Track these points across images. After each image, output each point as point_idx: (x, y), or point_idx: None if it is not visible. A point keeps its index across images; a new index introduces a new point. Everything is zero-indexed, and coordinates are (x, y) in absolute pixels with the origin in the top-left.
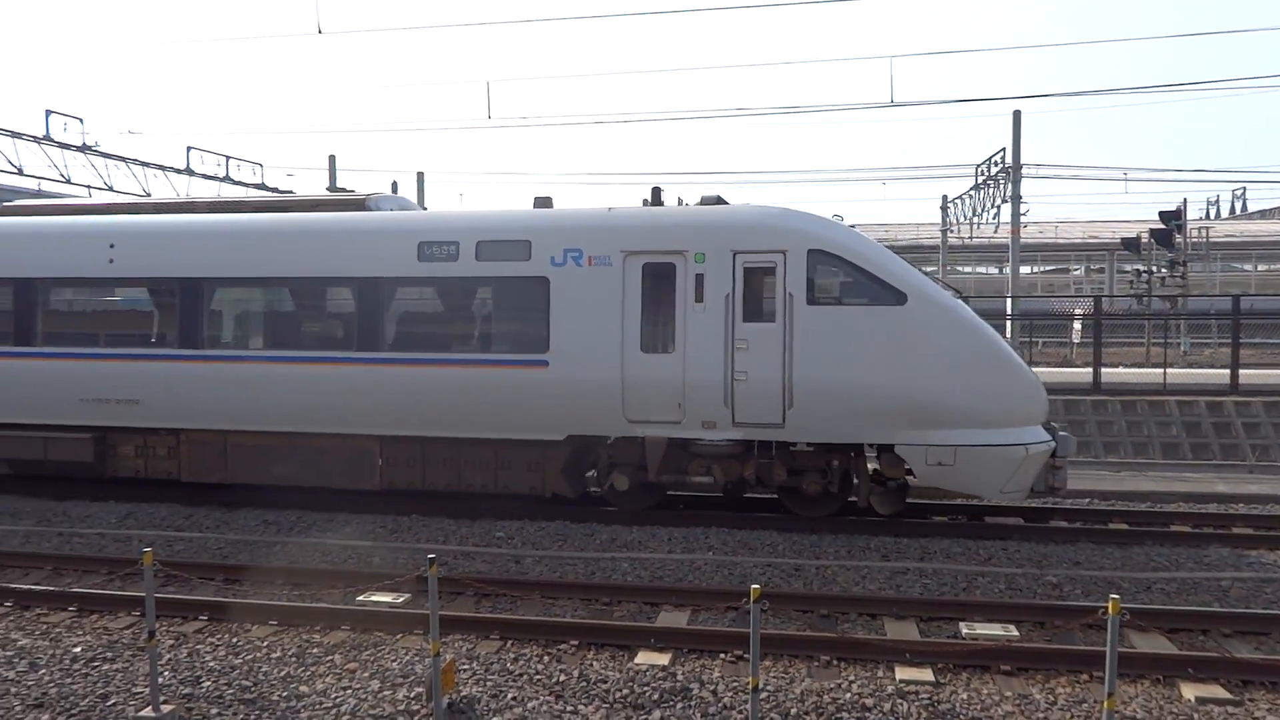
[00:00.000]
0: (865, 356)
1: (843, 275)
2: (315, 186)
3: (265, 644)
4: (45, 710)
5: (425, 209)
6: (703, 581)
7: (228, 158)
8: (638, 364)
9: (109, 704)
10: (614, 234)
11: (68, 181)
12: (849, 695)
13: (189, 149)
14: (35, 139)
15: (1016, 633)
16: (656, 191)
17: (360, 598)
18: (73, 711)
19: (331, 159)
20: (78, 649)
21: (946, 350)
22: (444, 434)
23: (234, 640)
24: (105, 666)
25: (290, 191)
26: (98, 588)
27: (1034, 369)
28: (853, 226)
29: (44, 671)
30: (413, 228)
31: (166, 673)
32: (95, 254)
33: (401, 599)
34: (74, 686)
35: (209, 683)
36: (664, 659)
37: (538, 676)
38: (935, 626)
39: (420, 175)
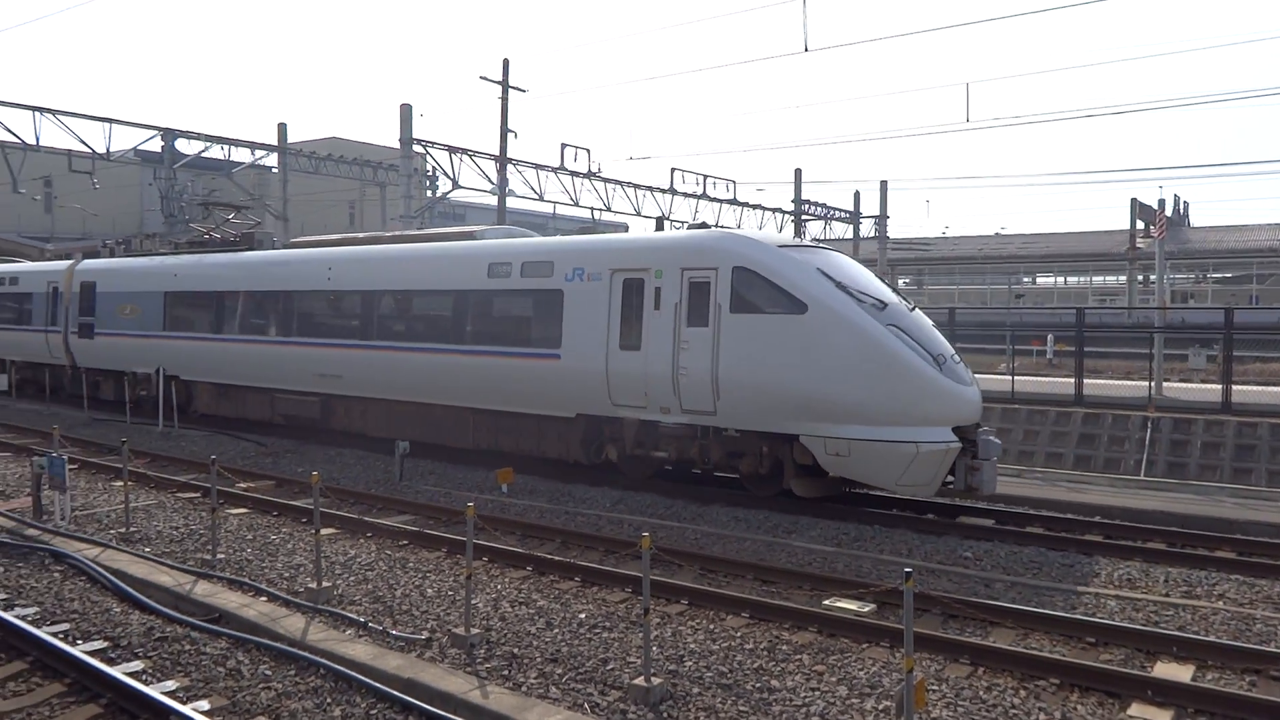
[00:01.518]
0: (773, 357)
1: (759, 288)
2: (783, 199)
3: (739, 634)
4: (559, 665)
5: (532, 237)
6: (1211, 634)
7: (704, 176)
8: (618, 359)
9: (608, 668)
10: (605, 255)
11: (576, 204)
12: None
13: (672, 170)
14: (552, 169)
15: None
16: (660, 222)
17: (826, 601)
18: (580, 669)
19: (797, 173)
20: (583, 615)
21: (839, 354)
22: (507, 409)
23: (711, 627)
24: (605, 634)
25: (759, 206)
26: (596, 563)
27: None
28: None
29: (557, 631)
30: (486, 253)
31: (655, 648)
32: (321, 274)
33: (867, 608)
34: (580, 648)
35: (690, 663)
36: (1164, 716)
37: (1013, 711)
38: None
39: (884, 184)
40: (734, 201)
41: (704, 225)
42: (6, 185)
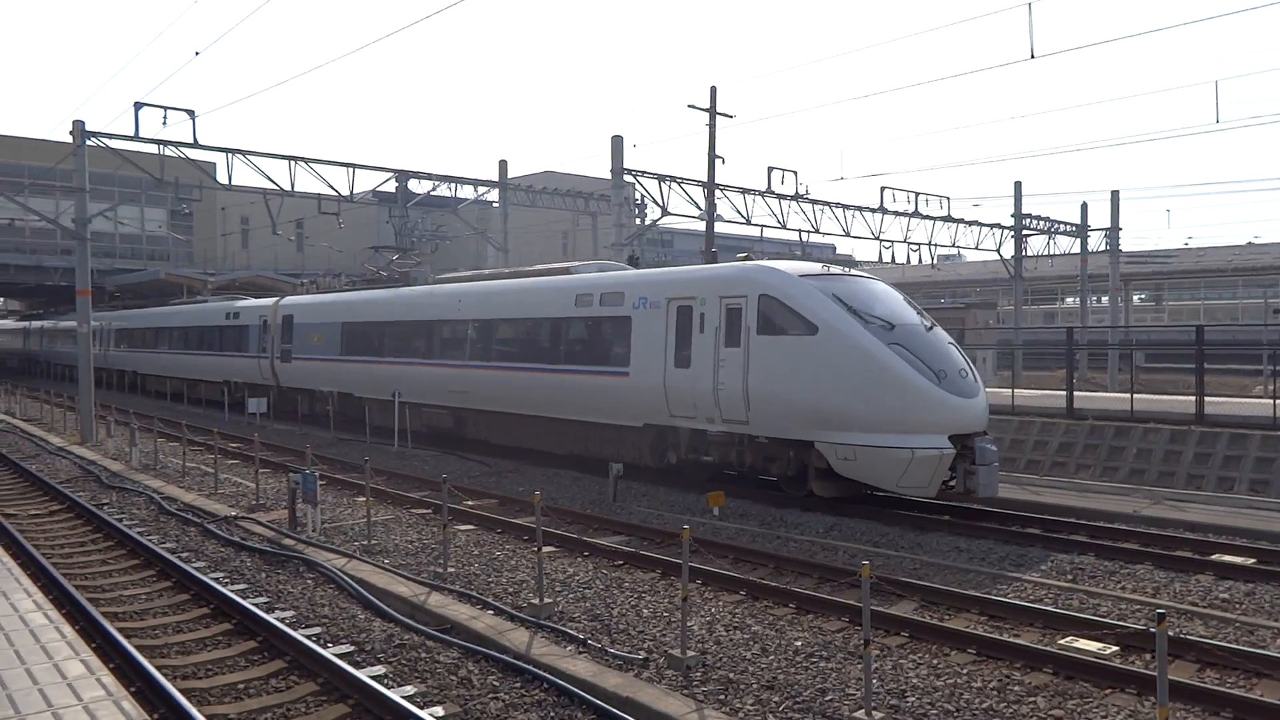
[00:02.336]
0: (791, 372)
1: (780, 313)
2: (1000, 214)
3: (965, 671)
4: (775, 692)
5: (632, 269)
6: None
7: (916, 194)
8: (673, 375)
9: (826, 699)
10: (664, 286)
11: (784, 227)
12: None
13: (882, 189)
14: (759, 193)
15: None
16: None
17: (1062, 641)
18: (797, 699)
19: (1017, 185)
20: (798, 642)
21: (844, 369)
22: (592, 420)
23: (935, 662)
24: (822, 663)
25: (975, 222)
26: (811, 589)
27: None
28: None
29: (772, 658)
30: (575, 285)
31: (875, 681)
32: (453, 305)
33: (1109, 650)
34: (797, 676)
35: (913, 699)
36: None
37: None
38: None
39: (1115, 194)
40: (948, 219)
41: (748, 258)
42: (268, 228)
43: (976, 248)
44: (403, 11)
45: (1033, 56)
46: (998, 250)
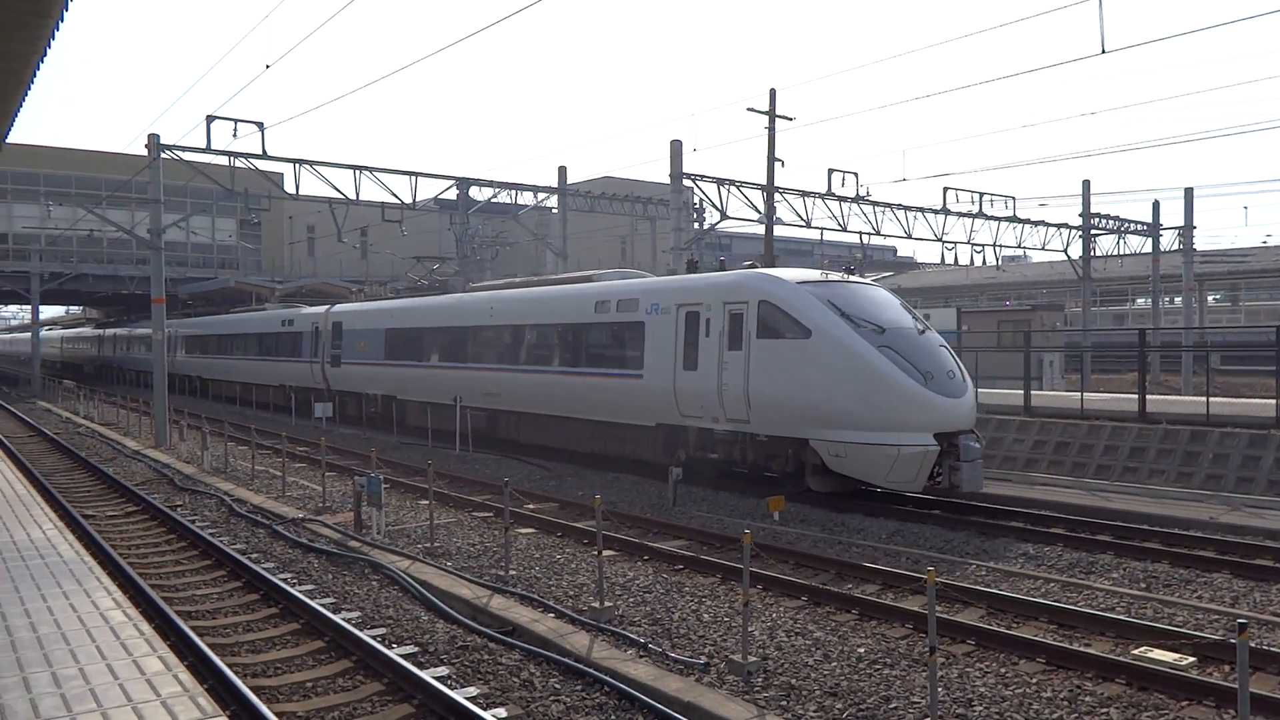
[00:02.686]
0: (788, 374)
1: (777, 317)
2: (1068, 214)
3: (1034, 681)
4: (839, 699)
5: (649, 276)
6: None
7: (980, 194)
8: (682, 377)
9: (890, 706)
10: (673, 292)
11: (844, 229)
12: None
13: (945, 190)
14: (819, 195)
15: None
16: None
17: (1136, 651)
18: (861, 706)
19: (1085, 184)
20: (861, 649)
21: (835, 371)
22: (610, 419)
23: (1002, 671)
24: (885, 671)
25: (1041, 222)
26: (874, 596)
27: None
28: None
29: (835, 664)
30: (594, 292)
31: (940, 689)
32: (485, 312)
33: (1185, 661)
34: (860, 683)
35: (980, 708)
36: None
37: None
38: None
39: (1189, 192)
40: (1013, 219)
41: (752, 266)
42: (333, 236)
43: (1043, 248)
44: (465, 21)
45: (1104, 51)
46: (1065, 251)
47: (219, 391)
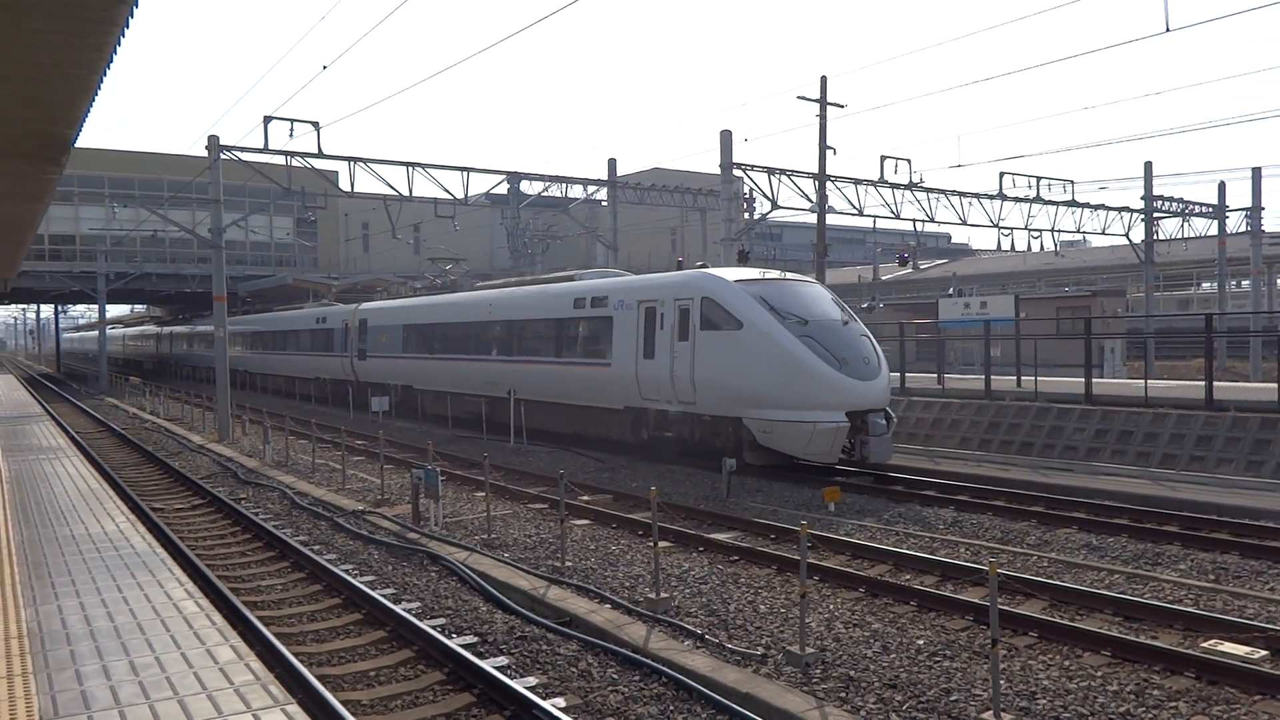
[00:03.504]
0: (725, 361)
1: (717, 312)
2: (1129, 197)
3: (1100, 674)
4: (899, 691)
5: (627, 275)
6: None
7: (1038, 179)
8: (643, 365)
9: (951, 699)
10: (635, 290)
11: (897, 217)
12: None
13: (1000, 175)
14: (872, 183)
15: None
16: (680, 263)
17: (1205, 644)
18: (921, 698)
19: (1147, 166)
20: (921, 641)
21: (761, 358)
22: (584, 403)
23: (1066, 664)
24: (946, 663)
25: (1101, 206)
26: (933, 587)
27: None
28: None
29: (894, 656)
30: (571, 291)
31: (1003, 682)
32: (484, 309)
33: (1257, 654)
34: (920, 675)
35: (1044, 701)
36: None
37: None
38: None
39: (1256, 171)
40: (1071, 203)
41: (704, 266)
42: (387, 232)
43: (1103, 233)
44: (516, 16)
45: (1168, 30)
46: (1127, 235)
47: (264, 384)
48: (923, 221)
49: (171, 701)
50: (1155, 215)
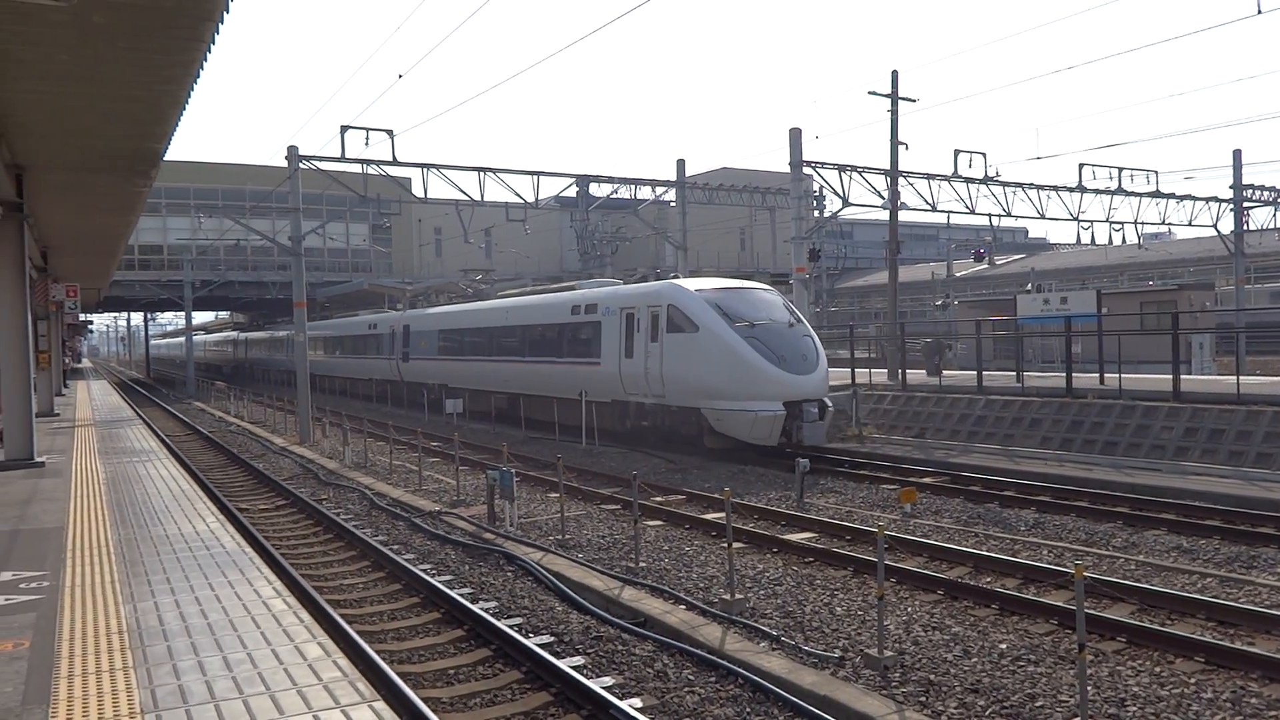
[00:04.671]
0: (686, 359)
1: (679, 317)
2: (1217, 187)
3: (1193, 681)
4: (981, 696)
5: (619, 284)
6: None
7: (1119, 169)
8: (625, 364)
9: (1036, 704)
10: (619, 299)
11: (972, 212)
12: None
13: (1080, 166)
14: (945, 177)
15: None
16: (658, 274)
17: None
18: (1005, 704)
19: (1236, 154)
20: (1003, 645)
21: (712, 357)
22: (577, 397)
23: (1157, 670)
24: (1029, 668)
25: (1187, 196)
26: (1015, 590)
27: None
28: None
29: (975, 660)
30: (569, 299)
31: (1090, 688)
32: (503, 315)
33: None
34: (1003, 680)
35: (1134, 708)
36: None
37: None
38: None
39: None
40: (1156, 194)
41: (676, 276)
42: (459, 237)
43: (1190, 224)
44: (584, 20)
45: (1260, 12)
46: (1215, 225)
47: (324, 385)
48: (999, 216)
49: (264, 696)
50: (1245, 205)
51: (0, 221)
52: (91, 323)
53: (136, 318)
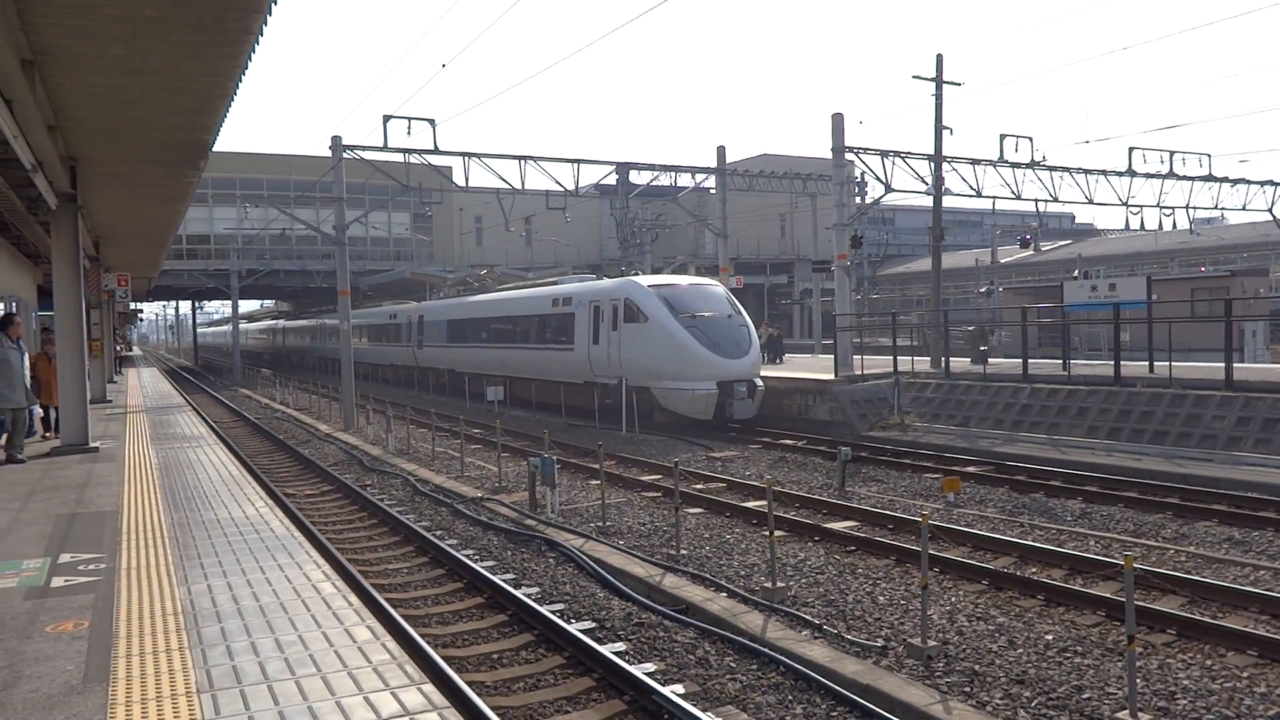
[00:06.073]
0: (637, 346)
1: (633, 309)
2: (1273, 169)
3: (1246, 675)
4: (1026, 688)
5: (592, 279)
6: None
7: (1170, 153)
8: (592, 349)
9: (1083, 696)
10: (589, 293)
11: (1018, 197)
12: None
13: (1130, 150)
14: (990, 162)
15: None
16: (623, 271)
17: None
18: (1051, 695)
19: None
20: (1049, 636)
21: (658, 344)
22: (559, 379)
23: (1208, 663)
24: (1076, 659)
25: (1241, 180)
26: (1061, 581)
27: None
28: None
29: (1021, 651)
30: (550, 293)
31: (1139, 680)
32: (497, 306)
33: None
34: (1049, 672)
35: (1184, 701)
36: None
37: None
38: None
39: None
40: (1209, 178)
41: (637, 273)
42: (500, 225)
43: (1244, 208)
44: (623, 7)
45: None
46: (1270, 210)
47: (356, 371)
48: (1045, 201)
49: (316, 678)
50: None
51: (57, 213)
52: (141, 311)
53: (184, 306)
